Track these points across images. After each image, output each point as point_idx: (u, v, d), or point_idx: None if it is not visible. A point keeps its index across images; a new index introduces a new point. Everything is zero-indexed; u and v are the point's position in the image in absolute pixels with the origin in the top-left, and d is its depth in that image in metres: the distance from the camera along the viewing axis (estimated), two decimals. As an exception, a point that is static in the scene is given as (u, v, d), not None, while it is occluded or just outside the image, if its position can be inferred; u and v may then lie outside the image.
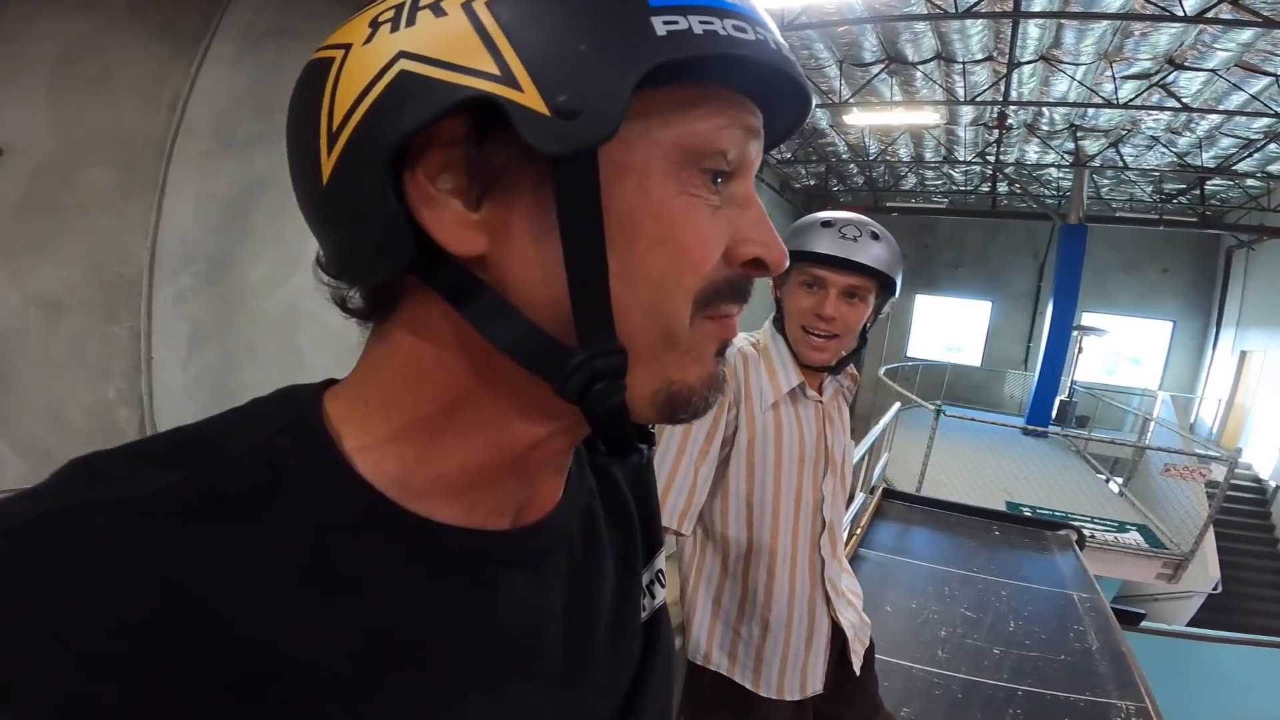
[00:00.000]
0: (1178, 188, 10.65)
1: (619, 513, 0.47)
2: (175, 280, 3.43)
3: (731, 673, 1.25)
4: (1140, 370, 13.19)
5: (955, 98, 7.21)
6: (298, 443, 0.33)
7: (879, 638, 2.71)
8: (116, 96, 3.12)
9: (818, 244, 1.15)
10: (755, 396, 1.19)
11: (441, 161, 0.30)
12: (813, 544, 1.26)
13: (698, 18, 0.30)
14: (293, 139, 0.33)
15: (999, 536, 4.44)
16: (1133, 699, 2.42)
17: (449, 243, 0.30)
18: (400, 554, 0.33)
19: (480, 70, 0.28)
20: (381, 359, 0.35)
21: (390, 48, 0.29)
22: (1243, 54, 5.82)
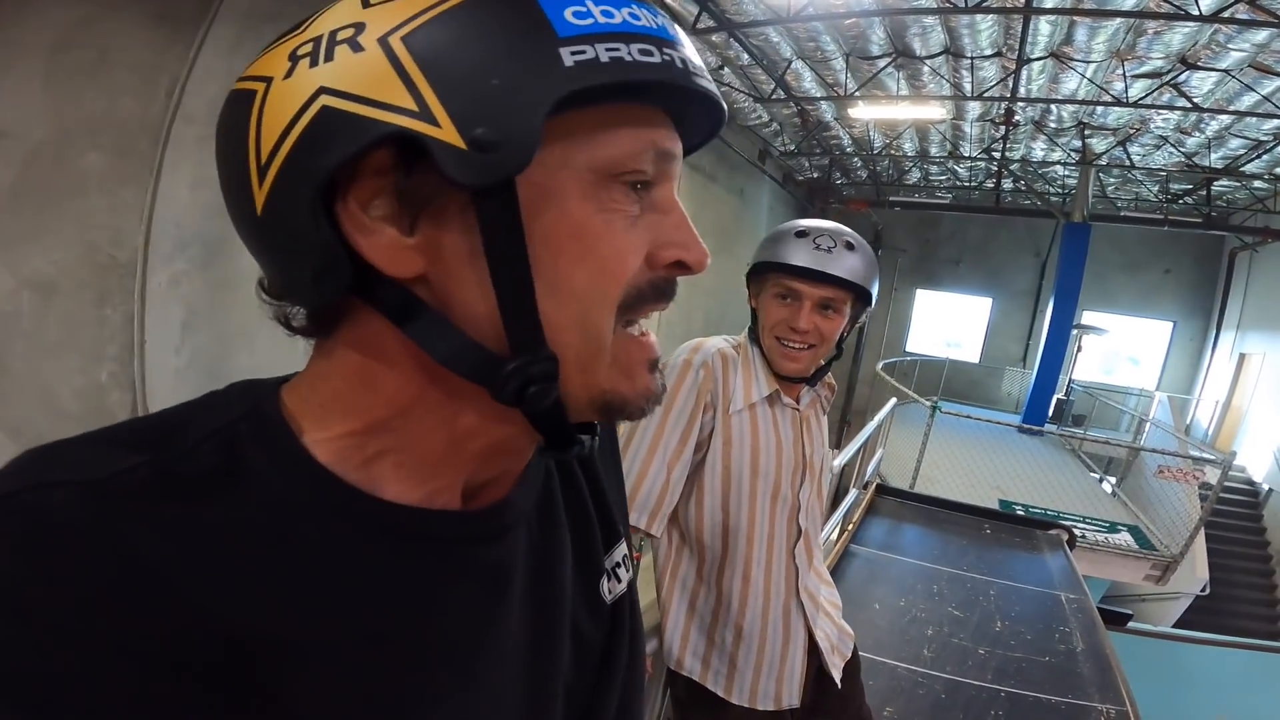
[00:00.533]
0: (1184, 188, 10.57)
1: (577, 498, 0.49)
2: (169, 264, 3.42)
3: (704, 679, 1.24)
4: (1138, 370, 13.16)
5: (962, 93, 7.14)
6: (256, 430, 0.34)
7: (866, 635, 2.77)
8: (113, 81, 3.10)
9: (792, 255, 1.13)
10: (732, 398, 1.19)
11: (372, 190, 0.31)
12: (788, 551, 1.25)
13: (605, 45, 0.31)
14: (223, 166, 0.34)
15: (990, 535, 4.47)
16: (1113, 702, 2.44)
17: (386, 266, 0.32)
18: (361, 534, 0.34)
19: (398, 106, 0.29)
20: (331, 370, 0.36)
21: (310, 83, 0.30)
22: (1257, 55, 5.74)
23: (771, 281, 1.17)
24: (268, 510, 0.32)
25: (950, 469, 7.12)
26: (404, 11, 0.30)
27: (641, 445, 1.14)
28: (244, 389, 0.36)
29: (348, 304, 0.34)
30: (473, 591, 0.38)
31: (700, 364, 1.16)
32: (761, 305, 1.21)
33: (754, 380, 1.21)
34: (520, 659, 0.41)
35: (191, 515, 0.30)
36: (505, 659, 0.40)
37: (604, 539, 0.50)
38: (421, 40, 0.30)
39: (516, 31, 0.30)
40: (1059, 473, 7.76)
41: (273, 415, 0.35)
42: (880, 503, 4.78)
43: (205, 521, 0.30)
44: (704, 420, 1.17)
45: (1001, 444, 7.59)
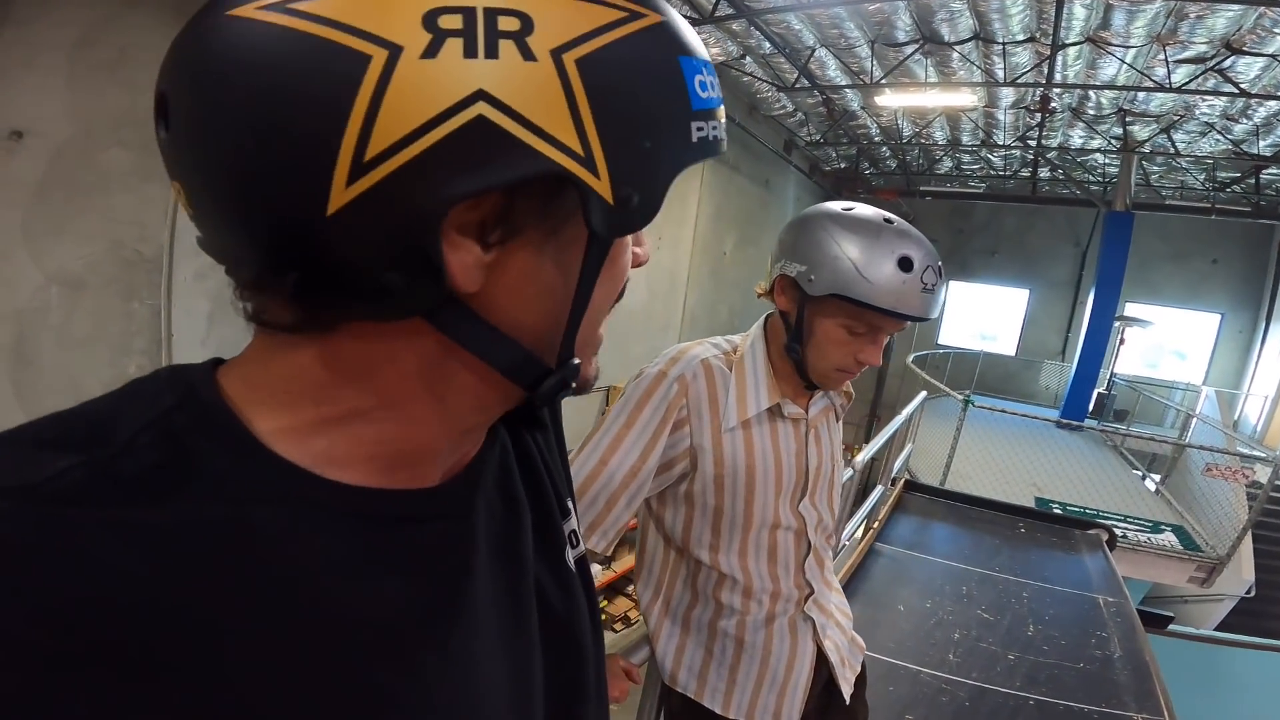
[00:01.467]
0: (1232, 176, 10.15)
1: (532, 470, 0.49)
2: (195, 258, 3.50)
3: (700, 696, 1.18)
4: (1184, 364, 12.72)
5: (995, 80, 6.93)
6: (196, 420, 0.32)
7: (887, 638, 2.69)
8: (133, 78, 3.18)
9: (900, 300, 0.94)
10: (721, 415, 1.07)
11: (474, 207, 0.29)
12: (797, 568, 1.17)
13: (711, 123, 0.33)
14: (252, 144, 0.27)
15: (1024, 534, 4.35)
16: (1150, 711, 2.33)
17: (461, 283, 0.31)
18: (324, 521, 0.33)
19: (564, 144, 0.28)
20: (311, 359, 0.33)
21: (468, 80, 0.26)
22: None
23: (845, 309, 0.99)
24: (223, 505, 0.30)
25: (984, 465, 6.92)
26: (577, 22, 0.29)
27: (594, 454, 1.04)
28: (172, 374, 0.34)
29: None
30: (442, 567, 0.38)
31: (676, 378, 1.04)
32: (819, 327, 1.02)
33: (751, 393, 1.08)
34: (493, 630, 0.40)
35: (140, 518, 0.28)
36: (479, 632, 0.39)
37: (559, 509, 0.51)
38: (596, 71, 0.28)
39: (669, 93, 0.31)
40: (1099, 470, 7.53)
41: (213, 402, 0.33)
42: (909, 500, 4.69)
43: (156, 524, 0.28)
44: (675, 438, 1.05)
45: (1039, 440, 7.39)
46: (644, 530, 1.22)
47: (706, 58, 0.34)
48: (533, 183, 0.29)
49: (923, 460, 6.76)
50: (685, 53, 0.32)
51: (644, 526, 1.22)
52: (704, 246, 8.50)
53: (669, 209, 3.16)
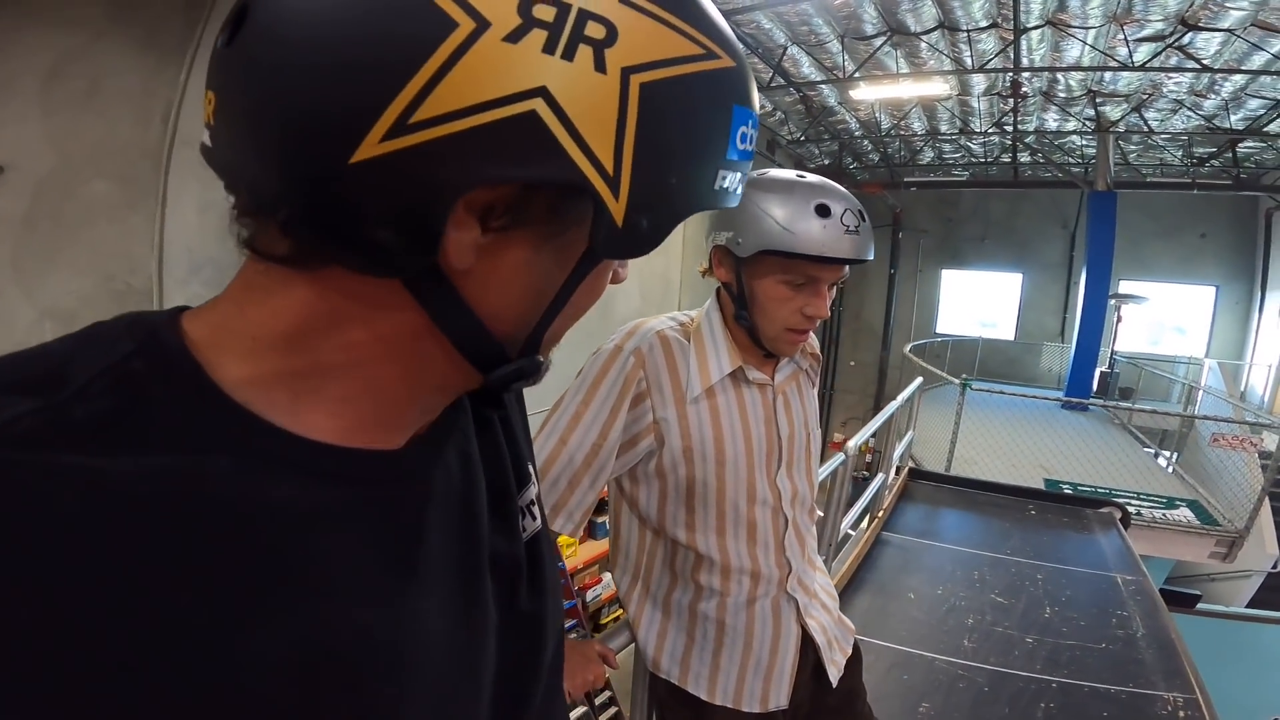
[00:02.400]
0: (1209, 151, 10.22)
1: (491, 437, 0.49)
2: (184, 288, 3.51)
3: (684, 682, 1.13)
4: (1185, 338, 12.72)
5: (964, 67, 6.98)
6: (156, 367, 0.31)
7: (899, 626, 2.63)
8: (108, 109, 3.21)
9: (825, 244, 0.94)
10: (683, 386, 1.03)
11: (496, 192, 0.30)
12: (777, 546, 1.12)
13: (736, 174, 0.34)
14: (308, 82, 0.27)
15: (1035, 516, 4.32)
16: (1180, 690, 2.26)
17: (454, 258, 0.31)
18: (282, 474, 0.33)
19: (598, 160, 0.28)
20: (289, 301, 0.33)
21: (537, 73, 0.27)
22: (1258, 13, 5.52)
23: (777, 264, 0.99)
24: (177, 454, 0.30)
25: (990, 450, 6.89)
26: (657, 47, 0.29)
27: (553, 435, 1.00)
28: (134, 320, 0.33)
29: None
30: (396, 529, 0.38)
31: (631, 351, 1.01)
32: (761, 290, 1.01)
33: (711, 359, 1.05)
34: (444, 594, 0.40)
35: (89, 465, 0.27)
36: (429, 594, 0.39)
37: (515, 479, 0.50)
38: (656, 99, 0.29)
39: (711, 137, 0.32)
40: (1109, 448, 7.46)
41: (174, 348, 0.32)
42: (914, 487, 4.68)
43: (106, 470, 0.28)
44: (636, 413, 1.01)
45: (1044, 421, 7.31)
46: (617, 514, 1.17)
47: (757, 111, 0.34)
48: (554, 185, 0.30)
49: (927, 449, 6.75)
50: (742, 103, 0.33)
51: (617, 510, 1.17)
52: (695, 250, 8.51)
53: None
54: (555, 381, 0.54)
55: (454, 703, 0.41)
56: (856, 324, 14.31)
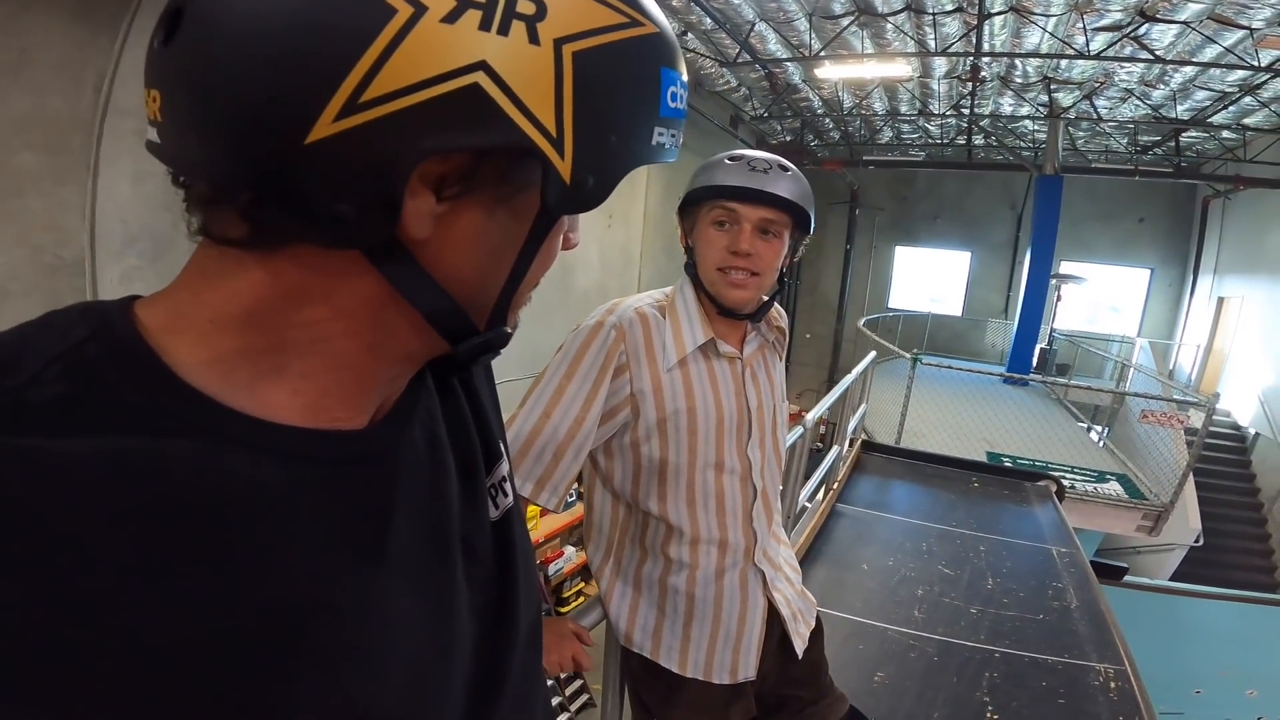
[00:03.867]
0: (1153, 139, 10.60)
1: (458, 417, 0.49)
2: (119, 260, 3.40)
3: (656, 655, 1.18)
4: (1119, 318, 13.29)
5: (927, 50, 7.06)
6: (109, 351, 0.32)
7: (855, 597, 2.73)
8: (37, 80, 3.05)
9: (727, 177, 1.06)
10: (659, 358, 1.09)
11: (442, 162, 0.31)
12: (744, 516, 1.17)
13: (670, 130, 0.36)
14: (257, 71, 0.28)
15: (978, 488, 4.46)
16: (1111, 661, 2.39)
17: (412, 227, 0.32)
18: (242, 456, 0.33)
19: (541, 123, 0.31)
20: (247, 283, 0.34)
21: (475, 49, 0.29)
22: (1215, 7, 5.70)
23: (706, 209, 1.10)
24: (133, 436, 0.30)
25: (937, 423, 7.07)
26: (584, 18, 0.31)
27: (535, 409, 1.04)
28: (86, 308, 0.34)
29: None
30: (362, 510, 0.38)
31: (613, 325, 1.07)
32: (698, 239, 1.12)
33: (686, 331, 1.11)
34: (413, 574, 0.41)
35: (45, 447, 0.28)
36: (398, 575, 0.40)
37: (485, 457, 0.51)
38: (588, 65, 0.31)
39: (644, 97, 0.34)
40: (1046, 423, 7.74)
41: (127, 334, 0.33)
42: (866, 459, 4.78)
43: (61, 453, 0.28)
44: (616, 386, 1.07)
45: (988, 395, 7.57)
46: (591, 490, 1.21)
47: (684, 73, 0.37)
48: (501, 150, 0.31)
49: (879, 421, 6.88)
50: (668, 65, 0.35)
51: (591, 486, 1.21)
52: (655, 223, 8.49)
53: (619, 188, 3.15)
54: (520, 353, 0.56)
55: (425, 680, 0.41)
56: (813, 298, 14.54)
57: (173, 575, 0.30)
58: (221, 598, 0.31)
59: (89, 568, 0.28)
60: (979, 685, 2.20)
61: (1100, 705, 2.13)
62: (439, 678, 0.43)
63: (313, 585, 0.35)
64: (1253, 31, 5.95)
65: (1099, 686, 2.24)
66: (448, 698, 0.43)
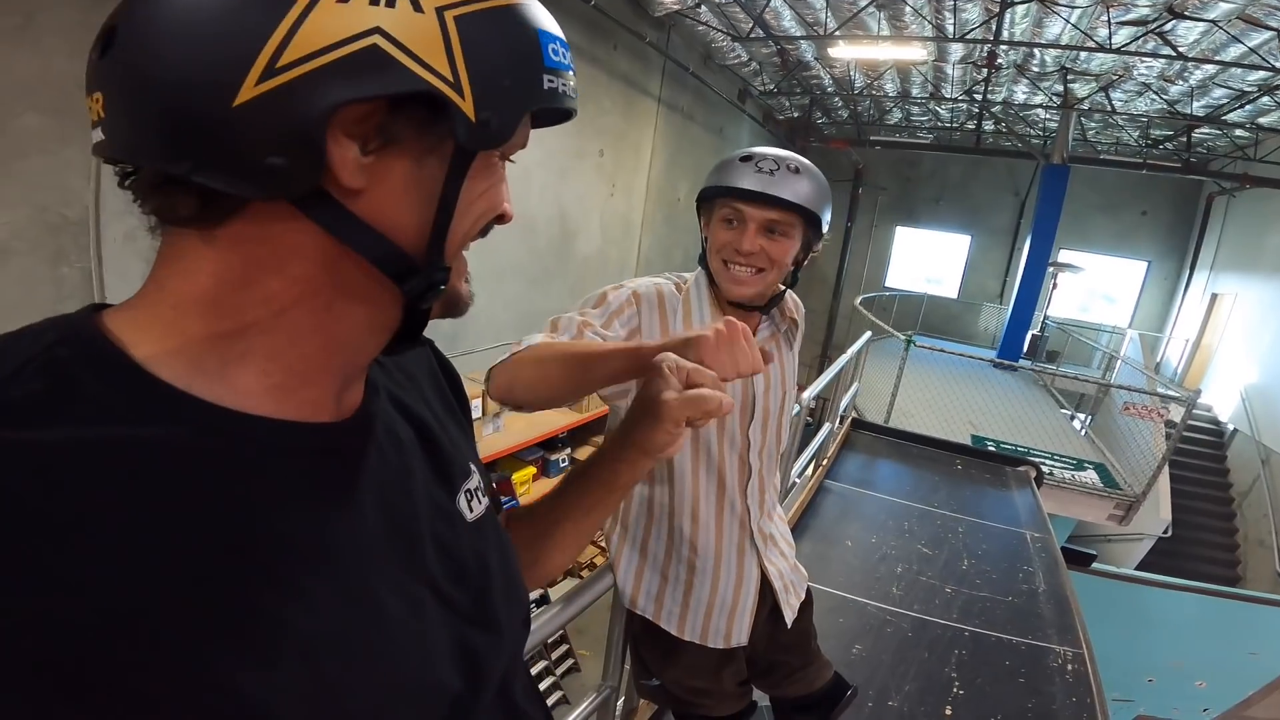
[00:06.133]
0: (1164, 134, 10.52)
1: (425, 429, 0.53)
2: (123, 220, 3.34)
3: (658, 618, 1.27)
4: (1113, 308, 13.36)
5: (945, 35, 6.95)
6: (78, 352, 0.35)
7: (838, 573, 2.86)
8: (41, 42, 2.99)
9: (736, 179, 1.11)
10: (670, 331, 1.14)
11: (360, 115, 0.36)
12: (741, 491, 1.24)
13: (559, 79, 0.42)
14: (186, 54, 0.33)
15: (961, 471, 4.58)
16: (1071, 644, 2.51)
17: (343, 177, 0.36)
18: (210, 445, 0.36)
19: (438, 71, 0.36)
20: (204, 263, 0.38)
21: (368, 18, 0.34)
22: (1246, 6, 5.63)
23: (719, 205, 1.15)
24: (102, 427, 0.33)
25: (926, 404, 7.12)
26: None
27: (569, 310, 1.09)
28: (53, 320, 0.37)
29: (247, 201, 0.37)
30: (333, 503, 0.42)
31: (632, 289, 1.14)
32: (711, 232, 1.18)
33: (695, 314, 1.17)
34: (386, 567, 0.44)
35: (24, 438, 0.31)
36: (373, 568, 0.43)
37: (458, 470, 0.55)
38: (469, 26, 0.36)
39: (525, 50, 0.39)
40: (1031, 409, 7.82)
41: (93, 335, 0.36)
42: (856, 437, 4.87)
43: (38, 443, 0.31)
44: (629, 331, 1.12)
45: (976, 379, 7.60)
46: None
47: (560, 35, 0.43)
48: (412, 102, 0.36)
49: (869, 399, 6.95)
50: (542, 27, 0.41)
51: None
52: (658, 193, 8.44)
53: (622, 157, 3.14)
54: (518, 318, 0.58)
55: (404, 672, 0.43)
56: (810, 273, 14.13)
57: (149, 560, 0.32)
58: (199, 583, 0.33)
59: (69, 549, 0.30)
60: (948, 661, 2.32)
61: (1056, 686, 2.24)
62: (417, 671, 0.45)
63: (288, 573, 0.37)
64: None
65: (1057, 668, 2.35)
66: (428, 689, 0.46)
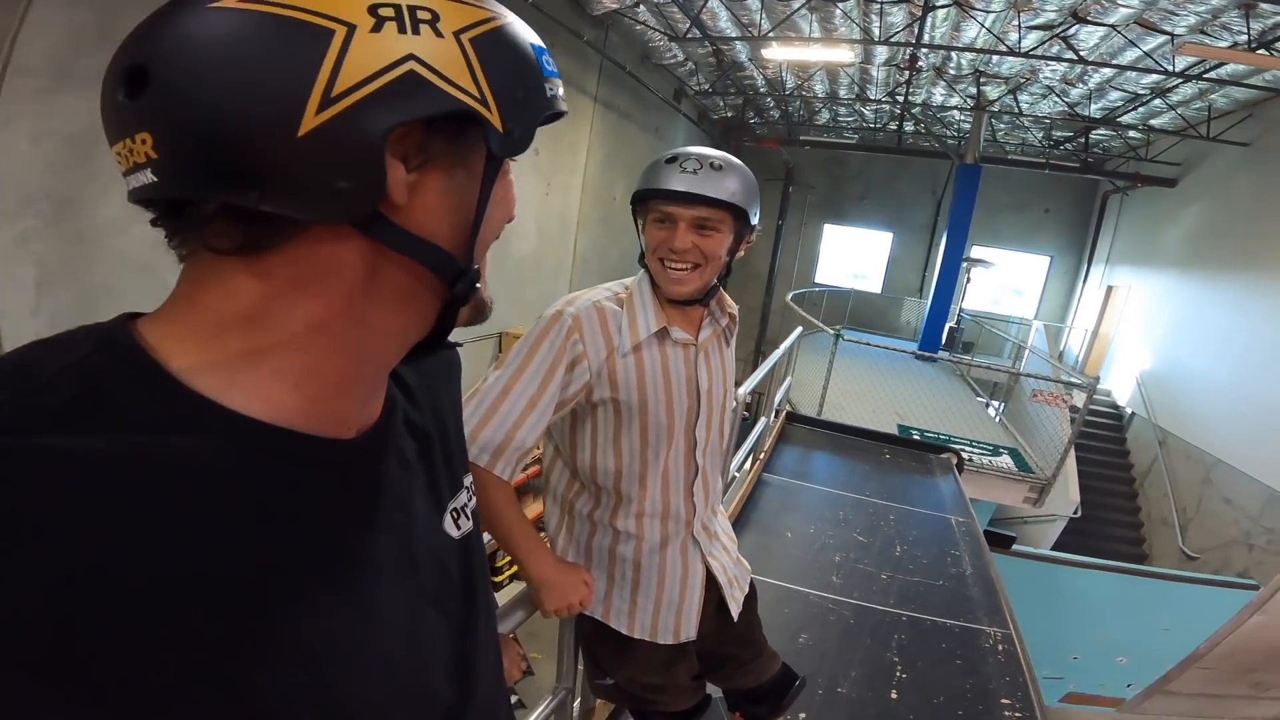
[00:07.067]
0: (1065, 135, 11.25)
1: (427, 445, 0.55)
2: (15, 222, 3.12)
3: (607, 618, 1.29)
4: (1022, 300, 14.17)
5: (871, 37, 7.24)
6: (112, 361, 0.36)
7: (780, 564, 2.94)
8: None
9: (663, 180, 1.14)
10: (615, 344, 1.17)
11: (400, 136, 0.38)
12: (686, 490, 1.27)
13: (557, 86, 0.45)
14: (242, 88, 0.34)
15: (889, 460, 4.72)
16: (999, 625, 2.64)
17: (395, 196, 0.39)
18: (239, 457, 0.37)
19: (468, 90, 0.39)
20: (246, 283, 0.39)
21: (402, 47, 0.37)
22: (1144, 11, 6.03)
23: (651, 208, 1.18)
24: (137, 436, 0.34)
25: (855, 396, 7.37)
26: (465, 16, 0.39)
27: (496, 385, 1.12)
28: (89, 329, 0.38)
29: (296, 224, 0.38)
30: (349, 517, 0.44)
31: (570, 315, 1.15)
32: (646, 234, 1.21)
33: (641, 320, 1.19)
34: (392, 581, 0.46)
35: (63, 445, 0.32)
36: (380, 581, 0.45)
37: (450, 484, 0.57)
38: (482, 47, 0.39)
39: (529, 63, 0.43)
40: (950, 398, 8.16)
41: (128, 344, 0.37)
42: (791, 430, 4.97)
43: (87, 449, 0.32)
44: (573, 375, 1.14)
45: (900, 370, 7.89)
46: (550, 464, 1.31)
47: (543, 45, 0.46)
48: (445, 121, 0.39)
49: (803, 393, 7.10)
50: (533, 41, 0.45)
51: (550, 460, 1.31)
52: (594, 192, 8.44)
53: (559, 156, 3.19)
54: None
55: (405, 681, 0.47)
56: (744, 270, 14.80)
57: (171, 564, 0.33)
58: (214, 588, 0.35)
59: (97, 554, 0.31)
60: (889, 646, 2.42)
61: (991, 666, 2.37)
62: (417, 681, 0.48)
63: (299, 581, 0.39)
64: (1174, 38, 6.30)
65: (989, 649, 2.48)
66: (426, 698, 0.49)
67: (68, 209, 3.27)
